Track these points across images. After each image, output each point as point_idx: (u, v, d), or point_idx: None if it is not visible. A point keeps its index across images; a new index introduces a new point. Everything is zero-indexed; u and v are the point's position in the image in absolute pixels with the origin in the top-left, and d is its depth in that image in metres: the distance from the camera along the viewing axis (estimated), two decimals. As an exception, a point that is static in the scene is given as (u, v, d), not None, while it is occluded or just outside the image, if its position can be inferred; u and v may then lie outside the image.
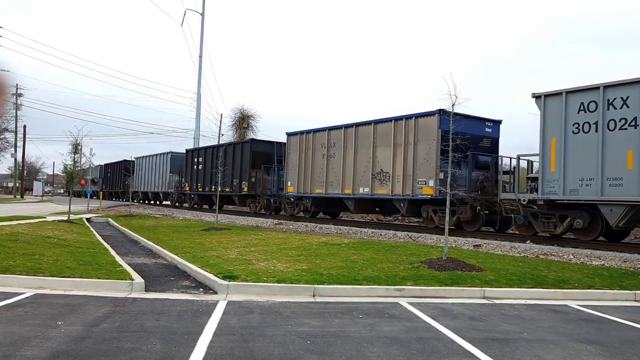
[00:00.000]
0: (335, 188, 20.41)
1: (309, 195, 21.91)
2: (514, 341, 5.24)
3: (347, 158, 19.92)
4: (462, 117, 16.37)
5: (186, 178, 32.93)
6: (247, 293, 7.24)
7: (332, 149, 20.80)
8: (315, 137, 21.79)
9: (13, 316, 5.56)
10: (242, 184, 26.53)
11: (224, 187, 27.00)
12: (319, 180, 21.23)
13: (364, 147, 19.26)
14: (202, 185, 30.75)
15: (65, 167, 19.86)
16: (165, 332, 5.15)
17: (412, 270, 8.76)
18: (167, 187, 36.66)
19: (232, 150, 28.11)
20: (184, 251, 11.28)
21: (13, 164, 64.24)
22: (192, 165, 32.10)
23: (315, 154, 21.67)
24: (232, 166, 27.27)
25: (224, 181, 26.80)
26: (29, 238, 11.81)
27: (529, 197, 14.24)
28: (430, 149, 16.54)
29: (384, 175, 18.16)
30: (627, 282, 8.51)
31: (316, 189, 21.41)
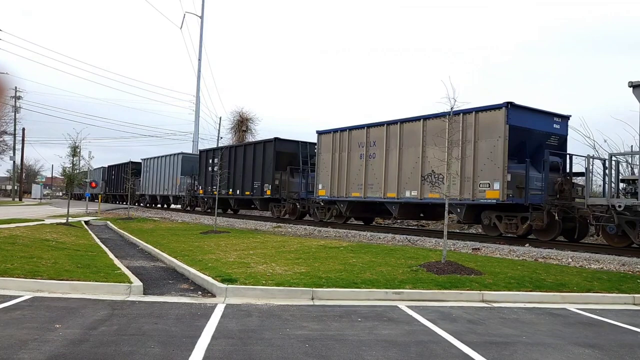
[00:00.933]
0: (375, 191, 18.51)
1: (343, 199, 20.03)
2: (513, 345, 5.24)
3: (391, 158, 17.94)
4: (530, 111, 15.21)
5: (200, 180, 31.01)
6: (245, 296, 7.23)
7: (372, 148, 18.85)
8: (351, 136, 19.88)
9: (10, 319, 5.55)
10: (265, 187, 24.59)
11: (243, 190, 26.14)
12: (356, 182, 19.39)
13: (410, 145, 17.31)
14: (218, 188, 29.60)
15: (64, 170, 19.84)
16: (164, 335, 5.14)
17: (410, 273, 8.76)
18: (178, 190, 34.58)
19: (253, 151, 26.01)
20: (182, 254, 11.27)
21: (12, 167, 64.16)
22: (206, 166, 30.10)
23: (351, 154, 19.81)
24: (252, 167, 25.65)
25: (243, 184, 26.01)
26: (27, 241, 11.79)
27: (626, 203, 12.37)
28: (496, 147, 14.68)
29: (436, 178, 16.25)
30: (626, 285, 8.52)
31: (353, 192, 19.55)
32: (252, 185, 25.48)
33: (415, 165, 17.09)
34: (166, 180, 36.41)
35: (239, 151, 27.45)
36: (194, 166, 33.12)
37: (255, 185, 25.31)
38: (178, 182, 34.41)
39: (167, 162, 36.70)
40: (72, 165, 19.38)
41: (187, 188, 33.22)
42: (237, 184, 26.84)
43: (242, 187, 26.36)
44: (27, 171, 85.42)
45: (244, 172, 26.32)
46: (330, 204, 21.25)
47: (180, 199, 34.65)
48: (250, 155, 25.97)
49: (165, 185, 36.53)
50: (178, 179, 34.37)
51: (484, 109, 15.18)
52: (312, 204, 22.34)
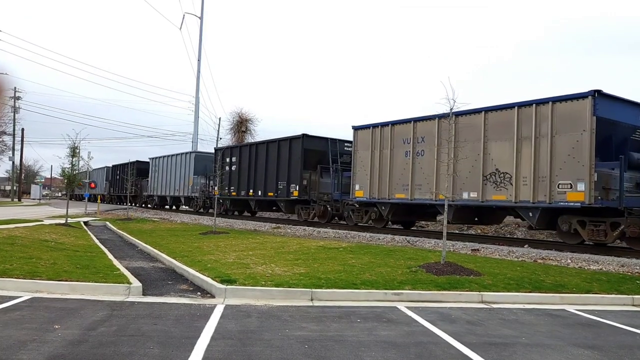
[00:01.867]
0: (424, 192, 16.65)
1: (385, 201, 18.15)
2: (512, 346, 5.24)
3: (442, 155, 15.67)
4: (618, 101, 13.61)
5: (215, 180, 28.17)
6: (244, 297, 7.23)
7: (420, 144, 17.02)
8: (394, 131, 18.02)
9: (10, 320, 5.54)
10: (291, 188, 22.58)
11: (265, 191, 24.25)
12: (400, 182, 17.55)
13: (468, 141, 15.33)
14: (236, 188, 26.95)
15: (63, 171, 19.82)
16: (163, 336, 5.14)
17: (410, 274, 8.76)
18: (190, 191, 32.31)
19: (277, 148, 23.81)
20: (181, 255, 11.26)
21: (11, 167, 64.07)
22: (222, 165, 27.46)
23: (394, 151, 17.91)
24: (276, 166, 23.63)
25: (266, 184, 24.22)
26: (26, 241, 11.78)
27: None
28: (580, 142, 12.87)
29: (502, 177, 14.49)
30: (625, 286, 8.52)
31: (397, 194, 17.67)
32: (276, 185, 23.58)
33: (475, 163, 15.22)
34: (177, 180, 34.31)
35: (260, 149, 25.38)
36: (208, 165, 31.23)
37: (280, 186, 23.39)
38: (190, 183, 32.35)
39: (178, 161, 34.61)
40: (71, 165, 19.36)
41: (200, 188, 31.33)
42: (258, 184, 24.98)
43: (264, 188, 24.47)
44: (26, 172, 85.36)
45: (266, 172, 24.44)
46: (368, 206, 19.41)
47: (193, 200, 32.55)
48: (274, 153, 23.95)
49: (176, 186, 34.42)
50: (190, 179, 32.33)
51: (563, 99, 13.47)
52: (346, 206, 20.60)
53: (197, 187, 31.58)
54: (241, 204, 28.32)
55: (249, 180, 25.62)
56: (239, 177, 26.85)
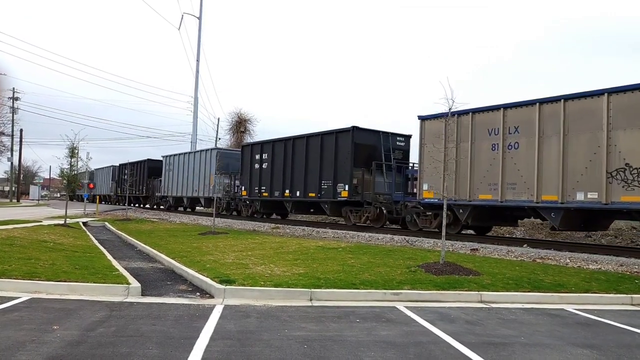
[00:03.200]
0: (520, 193, 14.22)
1: (464, 203, 15.70)
2: (511, 345, 5.24)
3: (545, 148, 13.61)
4: None
5: (243, 180, 26.56)
6: (244, 297, 7.23)
7: (513, 136, 14.51)
8: (474, 121, 15.57)
9: (8, 321, 5.53)
10: (338, 187, 20.11)
11: (305, 192, 21.80)
12: (486, 181, 15.08)
13: (582, 131, 13.04)
14: (268, 189, 24.43)
15: (62, 172, 19.80)
16: (162, 336, 5.13)
17: (409, 274, 8.76)
18: (211, 192, 29.20)
19: (320, 143, 21.18)
20: (180, 255, 11.25)
21: (9, 168, 64.04)
22: (251, 163, 25.54)
23: (476, 145, 15.49)
24: (319, 164, 21.10)
25: (306, 183, 21.76)
26: (24, 242, 11.76)
27: None
28: None
29: (636, 174, 11.99)
30: (624, 286, 8.53)
31: (480, 194, 15.20)
32: (320, 185, 21.02)
33: (594, 157, 12.77)
34: (195, 180, 31.34)
35: (298, 144, 22.61)
36: (230, 163, 28.97)
37: (324, 186, 20.85)
38: (212, 182, 29.36)
39: (196, 159, 31.80)
40: (70, 166, 19.34)
41: (224, 189, 28.86)
42: (296, 184, 22.47)
43: (303, 188, 21.89)
44: (25, 172, 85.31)
45: (306, 170, 21.81)
46: (440, 209, 16.30)
47: (215, 201, 31.90)
48: (316, 149, 21.38)
49: (195, 186, 31.37)
50: (212, 178, 29.38)
51: None
52: (409, 209, 17.96)
53: (219, 188, 28.93)
54: (274, 206, 25.66)
55: (284, 180, 23.13)
56: (272, 176, 24.18)
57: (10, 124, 56.18)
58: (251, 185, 25.65)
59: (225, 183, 28.99)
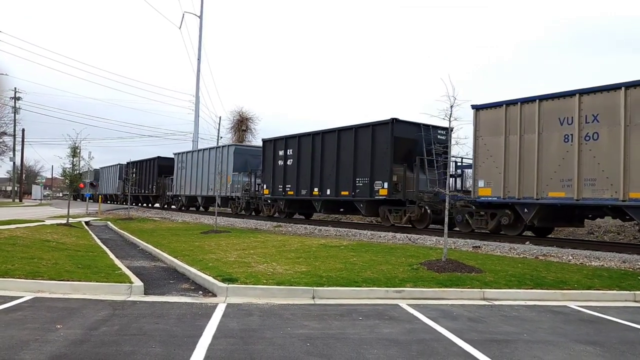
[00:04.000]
0: (601, 190, 12.62)
1: (529, 202, 14.11)
2: (514, 342, 5.24)
3: (633, 138, 12.08)
4: None
5: (265, 177, 24.85)
6: (246, 295, 7.23)
7: (590, 125, 12.95)
8: (542, 109, 13.95)
9: (12, 320, 5.55)
10: (375, 185, 18.56)
11: (337, 190, 20.29)
12: (557, 177, 13.49)
13: None
14: (293, 187, 22.75)
15: (64, 171, 19.83)
16: (165, 335, 5.14)
17: (411, 272, 8.76)
18: (230, 190, 27.97)
19: (354, 137, 19.61)
20: (183, 254, 11.27)
21: (12, 168, 64.19)
22: (274, 160, 23.94)
23: (544, 135, 13.87)
24: (353, 159, 19.55)
25: (338, 181, 20.27)
26: (27, 242, 11.79)
27: None
28: None
29: None
30: (627, 282, 8.52)
31: (550, 192, 13.64)
32: (354, 182, 19.42)
33: None
34: (211, 178, 29.25)
35: (328, 139, 20.99)
36: (249, 160, 27.60)
37: (359, 183, 19.25)
38: (229, 181, 27.88)
39: (211, 156, 30.05)
40: (72, 166, 19.36)
41: (243, 187, 27.21)
42: (326, 181, 20.87)
43: (335, 186, 20.32)
44: (27, 172, 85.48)
45: (338, 166, 20.28)
46: (499, 208, 15.27)
47: (233, 200, 28.51)
48: (349, 144, 19.84)
49: (210, 184, 29.51)
50: (229, 176, 27.89)
51: None
52: (460, 209, 16.47)
53: (237, 186, 27.55)
54: (300, 205, 24.07)
55: (312, 177, 21.48)
56: (298, 173, 22.47)
57: (12, 124, 56.31)
58: (274, 183, 23.97)
59: (245, 181, 27.28)
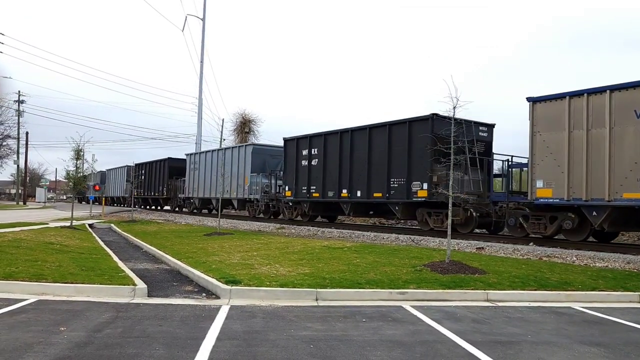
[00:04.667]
0: None
1: (599, 204, 12.79)
2: (518, 344, 5.22)
3: None
4: None
5: (287, 179, 23.39)
6: (249, 297, 7.23)
7: None
8: (614, 100, 12.65)
9: (16, 322, 5.56)
10: (413, 186, 16.99)
11: (368, 191, 18.67)
12: (634, 176, 12.16)
13: None
14: (319, 188, 21.26)
15: (68, 174, 19.89)
16: (168, 337, 5.15)
17: (414, 273, 8.75)
18: (247, 192, 26.37)
19: (387, 135, 18.01)
20: (186, 256, 11.28)
21: (15, 171, 64.39)
22: (297, 160, 22.50)
23: (617, 130, 12.53)
24: (387, 158, 17.93)
25: (370, 182, 18.66)
26: (31, 244, 11.83)
27: None
28: None
29: None
30: (631, 283, 8.48)
31: (626, 192, 12.27)
32: (388, 184, 17.91)
33: None
34: (227, 179, 27.09)
35: (358, 137, 19.51)
36: (267, 161, 26.23)
37: (394, 184, 17.77)
38: (247, 182, 26.43)
39: (227, 156, 28.35)
40: (75, 168, 19.42)
41: (261, 189, 25.61)
42: (356, 182, 19.35)
43: (366, 187, 18.80)
44: (31, 175, 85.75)
45: (370, 166, 18.78)
46: (560, 210, 13.96)
47: (251, 203, 26.87)
48: (382, 141, 18.34)
49: (226, 186, 27.30)
50: (246, 178, 26.46)
51: None
52: (513, 211, 15.27)
53: (255, 188, 25.99)
54: (326, 208, 22.60)
55: (340, 178, 20.02)
56: (325, 174, 21.00)
57: (16, 127, 56.52)
58: (297, 185, 22.37)
59: (264, 183, 25.63)
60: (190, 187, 32.99)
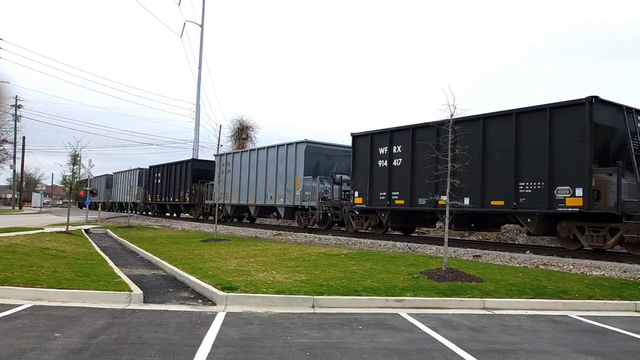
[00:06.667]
0: None
1: None
2: (515, 352, 5.21)
3: None
4: None
5: (357, 183, 19.58)
6: (246, 304, 7.21)
7: None
8: None
9: (10, 328, 5.53)
10: (558, 192, 13.24)
11: (483, 199, 14.93)
12: None
13: None
14: (405, 194, 17.34)
15: (65, 179, 19.88)
16: (164, 343, 5.12)
17: (411, 280, 8.74)
18: (299, 199, 22.75)
19: (514, 126, 14.30)
20: (182, 262, 11.24)
21: (12, 176, 64.20)
22: (372, 160, 18.81)
23: None
24: (513, 156, 14.24)
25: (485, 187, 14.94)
26: (27, 249, 11.77)
27: None
28: None
29: None
30: (628, 292, 8.49)
31: None
32: (515, 188, 14.14)
33: None
34: (271, 183, 24.59)
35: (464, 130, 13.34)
36: (321, 162, 22.96)
37: (526, 189, 13.96)
38: (298, 186, 22.90)
39: (270, 156, 25.01)
40: (72, 173, 19.39)
41: (319, 195, 21.86)
42: (470, 185, 14.75)
43: (480, 193, 14.97)
44: (27, 180, 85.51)
45: (483, 167, 14.98)
46: None
47: (304, 211, 23.01)
48: (503, 135, 14.63)
49: (270, 192, 24.52)
50: (298, 181, 22.94)
51: None
52: None
53: (308, 193, 22.32)
54: (411, 218, 18.55)
55: (438, 181, 15.62)
56: (412, 176, 17.00)
57: (13, 132, 56.39)
58: (372, 190, 18.72)
59: (322, 188, 21.99)
60: (220, 192, 28.10)
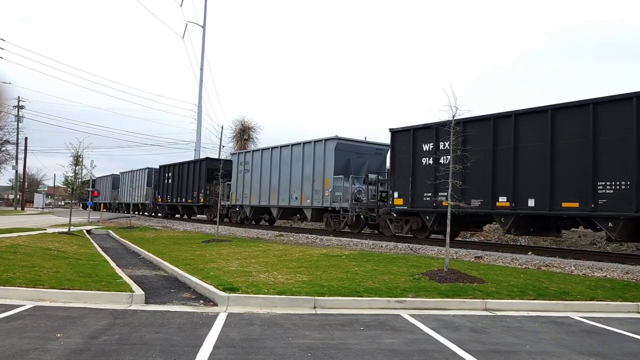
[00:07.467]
0: None
1: None
2: (516, 353, 5.20)
3: None
4: None
5: (397, 183, 17.81)
6: (247, 305, 7.21)
7: None
8: None
9: (12, 328, 5.53)
10: None
11: (552, 198, 13.36)
12: None
13: None
14: (482, 193, 14.99)
15: (66, 179, 19.90)
16: (165, 344, 5.12)
17: (413, 281, 8.73)
18: (328, 200, 20.99)
19: (591, 116, 12.67)
20: (184, 263, 11.25)
21: (14, 176, 64.34)
22: (414, 158, 17.11)
23: None
24: (591, 149, 12.67)
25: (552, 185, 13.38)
26: (29, 250, 11.79)
27: None
28: None
29: None
30: (630, 293, 8.47)
31: None
32: (594, 187, 12.59)
33: None
34: (294, 183, 23.07)
35: (526, 123, 13.96)
36: (352, 160, 21.46)
37: (607, 189, 12.39)
38: (327, 186, 21.16)
39: (295, 154, 23.22)
40: (74, 174, 19.42)
41: (352, 196, 20.27)
42: (523, 185, 14.03)
43: (548, 193, 13.46)
44: (30, 180, 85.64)
45: (553, 163, 13.49)
46: None
47: (334, 213, 21.31)
48: (578, 128, 13.03)
49: (295, 192, 22.95)
50: (327, 181, 21.18)
51: None
52: None
53: (338, 194, 20.64)
54: (460, 221, 15.24)
55: (494, 180, 14.66)
56: (463, 175, 13.90)
57: (15, 132, 56.53)
58: (414, 190, 17.04)
59: (354, 188, 20.51)
60: (238, 192, 27.14)
